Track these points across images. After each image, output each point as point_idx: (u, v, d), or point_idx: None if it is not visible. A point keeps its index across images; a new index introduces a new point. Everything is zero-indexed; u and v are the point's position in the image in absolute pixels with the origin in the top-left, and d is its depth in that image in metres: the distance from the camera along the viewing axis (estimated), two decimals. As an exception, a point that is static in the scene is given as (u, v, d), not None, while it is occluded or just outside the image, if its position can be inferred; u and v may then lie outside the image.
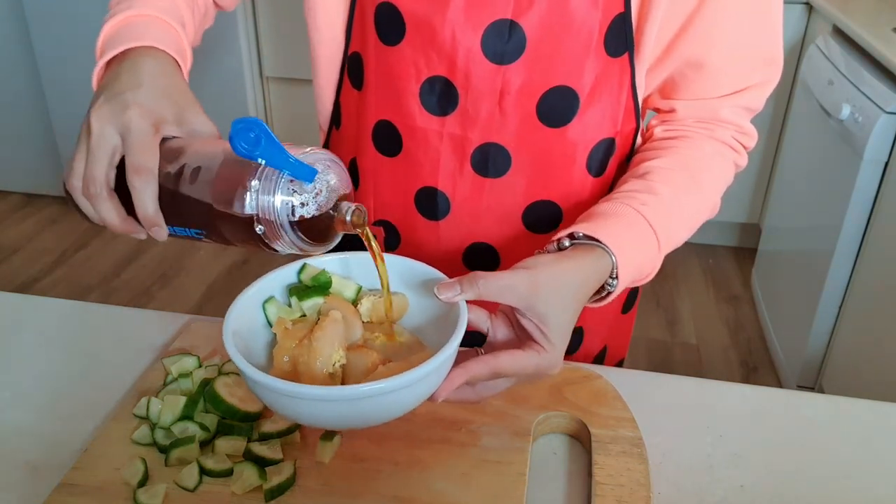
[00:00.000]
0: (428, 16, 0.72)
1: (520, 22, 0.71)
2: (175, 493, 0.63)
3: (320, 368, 0.60)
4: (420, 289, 0.68)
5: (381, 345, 0.65)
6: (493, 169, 0.79)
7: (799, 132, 2.29)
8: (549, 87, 0.74)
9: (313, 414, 0.57)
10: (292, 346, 0.62)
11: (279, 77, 2.81)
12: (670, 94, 0.80)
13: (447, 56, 0.74)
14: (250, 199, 0.55)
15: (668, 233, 0.72)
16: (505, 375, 0.62)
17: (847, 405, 0.77)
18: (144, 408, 0.70)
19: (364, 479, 0.65)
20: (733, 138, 0.80)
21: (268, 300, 0.66)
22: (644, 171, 0.75)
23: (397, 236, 0.87)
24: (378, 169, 0.83)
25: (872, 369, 1.75)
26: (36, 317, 0.88)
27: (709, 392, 0.78)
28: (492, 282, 0.60)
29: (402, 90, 0.77)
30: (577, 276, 0.64)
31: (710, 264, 2.85)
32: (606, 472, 0.66)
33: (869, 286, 1.80)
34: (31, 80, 2.98)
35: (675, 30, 0.74)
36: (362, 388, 0.54)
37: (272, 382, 0.54)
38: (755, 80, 0.77)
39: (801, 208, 2.20)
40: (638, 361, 2.33)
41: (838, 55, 1.99)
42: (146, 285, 2.68)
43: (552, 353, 0.62)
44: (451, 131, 0.77)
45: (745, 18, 0.74)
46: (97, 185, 0.59)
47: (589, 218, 0.69)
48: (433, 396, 0.59)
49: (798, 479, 0.68)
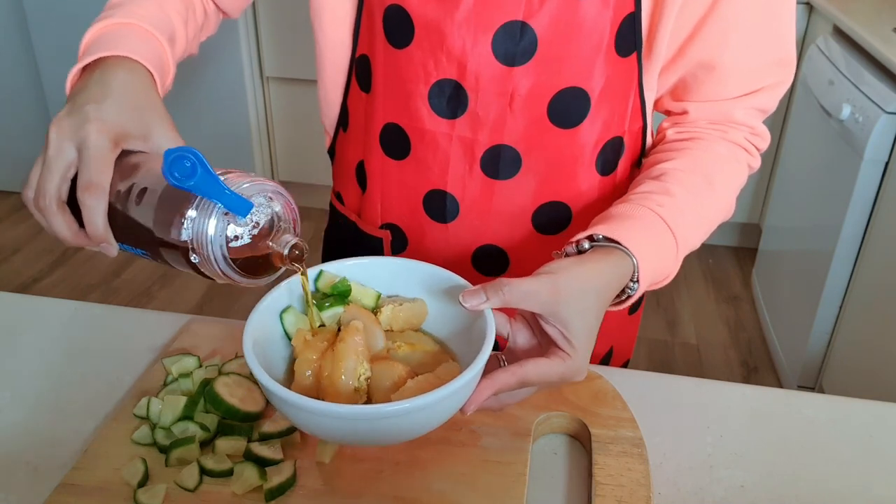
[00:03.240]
0: (437, 18, 0.72)
1: (530, 23, 0.71)
2: (175, 494, 0.63)
3: (346, 383, 0.58)
4: (440, 294, 0.66)
5: (405, 355, 0.64)
6: (502, 171, 0.78)
7: (799, 132, 2.29)
8: (561, 88, 0.74)
9: (343, 431, 0.55)
10: (314, 358, 0.61)
11: (279, 77, 2.81)
12: (682, 96, 0.80)
13: (457, 59, 0.73)
14: (186, 228, 0.54)
15: (686, 234, 0.71)
16: (531, 384, 0.60)
17: (847, 405, 0.77)
18: (144, 408, 0.70)
19: (364, 479, 0.65)
20: (746, 140, 0.79)
21: (285, 310, 0.64)
22: (659, 172, 0.75)
23: (404, 240, 0.86)
24: (386, 172, 0.83)
25: (872, 369, 1.75)
26: (36, 317, 0.88)
27: (709, 392, 0.78)
28: (516, 287, 0.59)
29: (411, 93, 0.76)
30: (599, 280, 0.63)
31: (711, 264, 2.85)
32: (607, 472, 0.66)
33: (869, 286, 1.80)
34: (31, 80, 2.98)
35: (688, 31, 0.74)
36: (398, 406, 0.52)
37: (306, 402, 0.52)
38: (768, 82, 0.77)
39: (801, 208, 2.20)
40: (638, 361, 2.33)
41: (839, 55, 1.99)
42: (146, 285, 2.68)
43: (577, 359, 0.60)
44: (460, 134, 0.77)
45: (758, 20, 0.73)
46: (48, 199, 0.59)
47: (606, 220, 0.69)
48: (462, 409, 0.58)
49: (798, 479, 0.68)
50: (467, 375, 0.55)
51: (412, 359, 0.63)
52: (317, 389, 0.59)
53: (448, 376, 0.57)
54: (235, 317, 0.81)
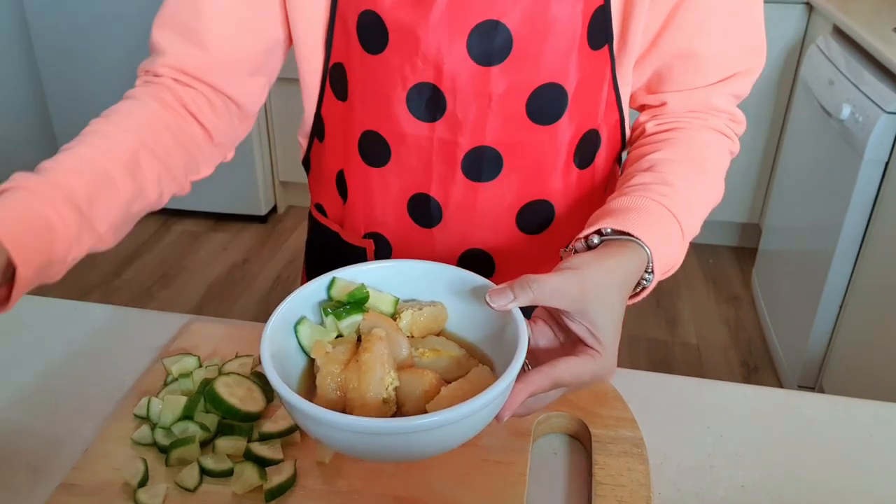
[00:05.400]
0: (411, 22, 0.71)
1: (504, 21, 0.71)
2: (175, 494, 0.63)
3: (374, 395, 0.56)
4: (460, 295, 0.64)
5: (430, 361, 0.61)
6: (484, 173, 0.78)
7: (799, 132, 2.29)
8: (538, 85, 0.74)
9: (378, 447, 0.52)
10: (337, 371, 0.58)
11: (279, 77, 2.80)
12: (659, 88, 0.80)
13: (433, 62, 0.73)
14: None
15: (689, 222, 0.71)
16: (564, 385, 0.59)
17: (847, 405, 0.77)
18: (145, 408, 0.70)
19: (364, 479, 0.65)
20: (726, 126, 0.80)
21: (299, 321, 0.62)
22: (649, 164, 0.74)
23: (389, 248, 0.85)
24: (367, 180, 0.82)
25: (872, 369, 1.75)
26: (36, 317, 0.88)
27: (709, 392, 0.78)
28: (544, 284, 0.57)
29: (389, 98, 0.76)
30: (619, 275, 0.62)
31: (711, 264, 2.85)
32: (607, 472, 0.66)
33: (869, 286, 1.80)
34: (31, 82, 2.98)
35: (662, 21, 0.74)
36: (442, 416, 0.50)
37: (340, 420, 0.50)
38: (741, 68, 0.78)
39: (801, 208, 2.20)
40: (638, 361, 2.33)
41: (839, 55, 1.99)
42: (147, 285, 2.68)
43: (607, 356, 0.59)
44: (440, 136, 0.76)
45: (731, 7, 0.75)
46: None
47: (611, 214, 0.67)
48: (498, 416, 0.55)
49: (798, 479, 0.68)
50: (505, 380, 0.52)
51: (438, 365, 0.61)
52: (343, 403, 0.57)
53: (480, 381, 0.56)
54: (235, 317, 0.81)
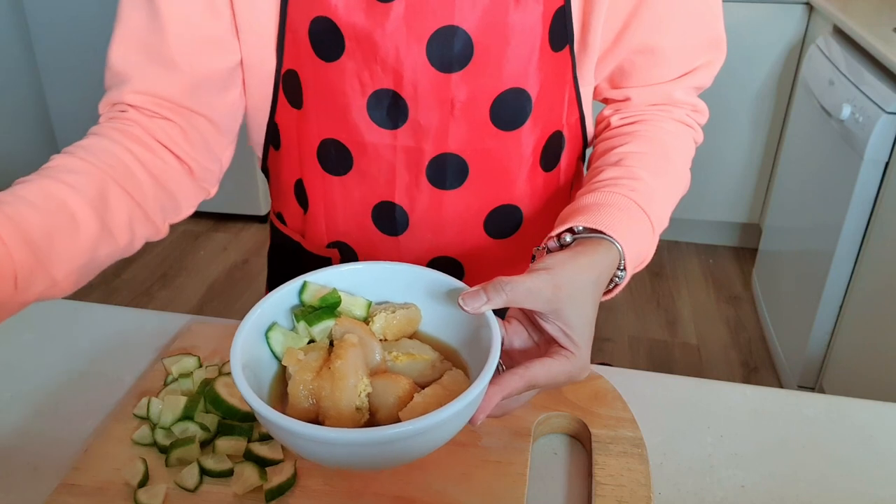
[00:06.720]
0: (367, 28, 0.70)
1: (464, 27, 0.70)
2: (175, 494, 0.63)
3: (347, 402, 0.55)
4: (432, 297, 0.64)
5: (404, 365, 0.60)
6: (449, 181, 0.77)
7: (799, 132, 2.29)
8: (501, 90, 0.73)
9: (351, 457, 0.52)
10: (309, 378, 0.56)
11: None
12: (622, 83, 0.81)
13: (392, 68, 0.71)
14: None
15: (659, 215, 0.71)
16: (538, 386, 0.58)
17: (847, 405, 0.77)
18: (145, 408, 0.70)
19: (364, 479, 0.65)
20: (689, 116, 0.81)
21: (270, 328, 0.60)
22: (617, 158, 0.74)
23: (354, 257, 0.84)
24: (327, 189, 0.81)
25: (872, 369, 1.75)
26: (36, 317, 0.88)
27: (709, 392, 0.78)
28: (518, 286, 0.56)
29: (347, 106, 0.74)
30: (593, 273, 0.61)
31: (711, 264, 2.85)
32: (607, 472, 0.66)
33: (869, 286, 1.80)
34: (31, 81, 2.98)
35: (623, 18, 0.74)
36: (417, 424, 0.49)
37: (312, 431, 0.49)
38: (702, 61, 0.79)
39: (801, 208, 2.20)
40: (638, 361, 2.33)
41: (839, 55, 1.99)
42: (146, 285, 2.68)
43: (580, 356, 0.59)
44: (404, 144, 0.75)
45: (689, 2, 0.75)
46: None
47: (582, 211, 0.67)
48: (472, 420, 0.55)
49: (798, 479, 0.68)
50: (478, 386, 0.52)
51: (412, 369, 0.60)
52: (316, 412, 0.56)
53: (455, 386, 0.56)
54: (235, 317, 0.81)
